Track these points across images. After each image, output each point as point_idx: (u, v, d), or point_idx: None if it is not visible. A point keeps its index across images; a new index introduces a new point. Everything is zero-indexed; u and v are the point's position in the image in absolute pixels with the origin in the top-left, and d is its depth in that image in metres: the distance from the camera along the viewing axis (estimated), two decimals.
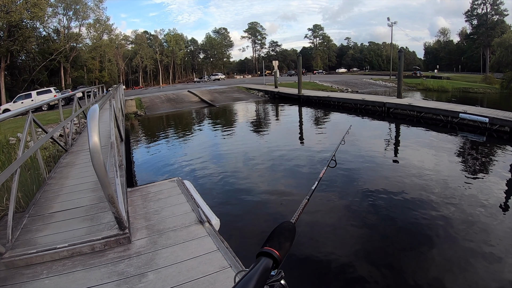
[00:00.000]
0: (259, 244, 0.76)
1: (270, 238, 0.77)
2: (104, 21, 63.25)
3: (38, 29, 47.43)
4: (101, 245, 3.06)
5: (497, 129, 11.66)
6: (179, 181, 4.86)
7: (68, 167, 5.98)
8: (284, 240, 0.77)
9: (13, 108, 22.90)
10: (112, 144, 4.38)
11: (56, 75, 51.81)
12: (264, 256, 0.71)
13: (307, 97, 24.46)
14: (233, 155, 10.78)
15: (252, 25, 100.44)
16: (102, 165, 2.48)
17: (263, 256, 0.71)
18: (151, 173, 9.31)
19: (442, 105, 15.89)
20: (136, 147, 13.68)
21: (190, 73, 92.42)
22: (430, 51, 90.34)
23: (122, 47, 78.06)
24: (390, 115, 16.63)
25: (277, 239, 0.76)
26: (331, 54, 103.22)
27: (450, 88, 36.64)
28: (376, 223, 5.68)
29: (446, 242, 4.89)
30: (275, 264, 0.70)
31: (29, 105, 5.30)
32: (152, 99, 30.24)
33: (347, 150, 9.87)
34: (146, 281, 2.54)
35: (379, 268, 4.36)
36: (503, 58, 45.50)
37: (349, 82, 40.49)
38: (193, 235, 3.24)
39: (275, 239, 0.76)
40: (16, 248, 2.99)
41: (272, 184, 7.79)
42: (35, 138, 5.35)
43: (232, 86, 38.30)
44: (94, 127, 2.44)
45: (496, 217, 5.57)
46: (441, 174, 7.83)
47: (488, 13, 66.29)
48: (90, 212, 3.75)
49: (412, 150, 10.43)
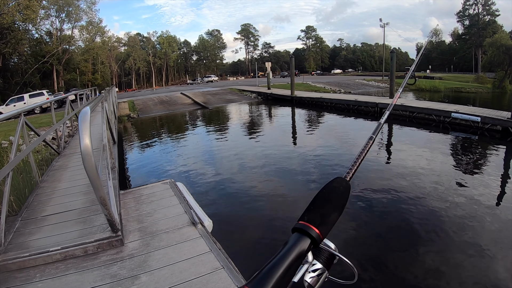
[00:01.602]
0: (252, 245, 0.68)
1: (312, 206, 0.60)
2: (96, 23, 63.07)
3: (30, 32, 47.40)
4: (94, 248, 3.06)
5: (489, 128, 11.79)
6: (172, 183, 4.86)
7: (61, 170, 5.96)
8: (330, 210, 0.59)
9: (5, 111, 22.70)
10: (104, 147, 4.39)
11: (49, 78, 51.48)
12: (299, 233, 0.55)
13: (300, 98, 24.57)
14: (226, 156, 10.80)
15: (245, 27, 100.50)
16: (93, 168, 2.49)
17: (298, 233, 0.55)
18: (144, 175, 9.29)
19: (435, 105, 16.03)
20: (129, 149, 13.64)
21: (183, 75, 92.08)
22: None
23: (115, 49, 77.62)
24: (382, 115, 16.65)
25: (321, 210, 0.59)
26: (324, 55, 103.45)
27: (443, 88, 36.94)
28: (368, 221, 5.73)
29: (440, 240, 4.94)
30: (312, 245, 0.55)
31: (21, 108, 5.26)
32: (145, 101, 30.12)
33: (338, 150, 9.94)
34: (139, 283, 2.55)
35: (374, 264, 4.40)
36: (494, 58, 45.86)
37: (341, 83, 40.65)
38: (185, 236, 3.25)
39: (317, 210, 0.59)
40: (9, 252, 2.98)
41: (265, 185, 7.81)
42: (27, 141, 5.32)
43: (225, 88, 38.25)
44: (86, 130, 2.44)
45: (489, 215, 5.64)
46: (434, 174, 7.90)
47: (479, 14, 66.73)
48: (83, 214, 3.75)
49: (405, 150, 10.51)
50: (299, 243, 0.54)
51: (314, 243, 0.55)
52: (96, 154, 2.53)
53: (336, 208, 0.60)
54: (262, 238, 5.30)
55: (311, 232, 0.55)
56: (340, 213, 0.60)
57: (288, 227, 0.56)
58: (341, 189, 0.64)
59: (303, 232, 0.55)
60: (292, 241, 0.54)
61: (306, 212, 0.59)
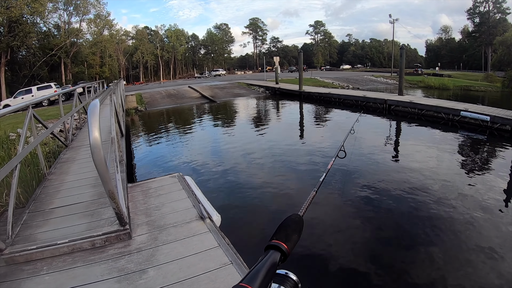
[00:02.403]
0: (261, 240, 0.75)
1: (278, 231, 0.76)
2: (104, 16, 63.25)
3: (38, 25, 47.48)
4: (101, 241, 3.04)
5: (498, 128, 11.60)
6: (180, 176, 4.84)
7: (69, 163, 5.96)
8: (291, 232, 0.75)
9: (13, 103, 22.90)
10: (112, 140, 4.36)
11: (57, 71, 51.73)
12: (271, 249, 0.70)
13: (308, 94, 24.38)
14: (234, 150, 10.76)
15: (253, 21, 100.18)
16: (102, 161, 2.46)
17: (271, 249, 0.70)
18: (152, 168, 9.29)
19: (444, 102, 15.84)
20: (137, 142, 13.66)
21: (191, 69, 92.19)
22: (432, 48, 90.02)
23: (123, 43, 77.82)
24: (391, 112, 16.59)
25: (284, 232, 0.75)
26: (332, 51, 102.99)
27: (452, 86, 36.50)
28: (376, 219, 5.68)
29: (446, 239, 4.88)
30: (283, 257, 0.69)
31: (29, 101, 5.26)
32: (153, 94, 30.17)
33: (349, 146, 9.87)
34: (147, 278, 2.52)
35: (380, 263, 4.35)
36: (504, 57, 45.44)
37: (350, 78, 40.34)
38: (194, 231, 3.22)
39: (282, 232, 0.75)
40: (16, 244, 2.97)
41: (273, 179, 7.77)
42: (35, 134, 5.32)
43: (233, 82, 38.20)
44: (95, 122, 2.41)
45: (497, 215, 5.56)
46: (442, 172, 7.80)
47: (490, 11, 65.91)
48: (91, 207, 3.73)
49: (413, 148, 10.40)
50: (272, 255, 0.67)
51: (283, 255, 0.69)
52: (104, 147, 2.50)
53: (295, 231, 0.77)
54: (271, 233, 5.25)
55: (280, 246, 0.69)
56: (299, 237, 0.77)
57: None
58: (297, 220, 0.82)
59: (274, 248, 0.70)
60: (266, 255, 0.68)
61: (274, 235, 0.74)
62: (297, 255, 4.40)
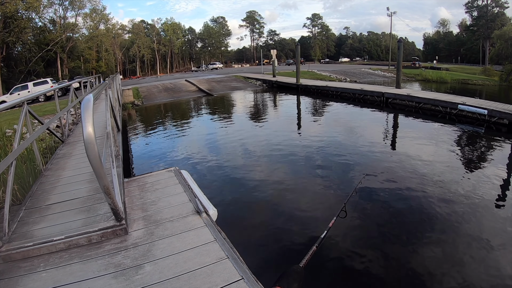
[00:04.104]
0: (258, 234, 0.75)
1: (281, 278, 0.89)
2: (100, 10, 63.02)
3: (34, 20, 47.27)
4: (97, 237, 3.04)
5: (495, 121, 11.64)
6: (177, 171, 4.83)
7: (65, 158, 5.94)
8: (292, 281, 0.89)
9: (9, 100, 22.78)
10: (108, 134, 4.34)
11: (53, 66, 51.56)
12: None
13: (305, 87, 24.35)
14: (231, 144, 10.74)
15: (251, 14, 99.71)
16: (97, 156, 2.46)
17: None
18: (149, 163, 9.27)
19: (441, 96, 15.84)
20: (134, 137, 13.60)
21: (188, 62, 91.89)
22: (430, 42, 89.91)
23: (119, 37, 77.46)
24: (388, 105, 16.60)
25: (286, 280, 0.88)
26: (329, 44, 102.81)
27: (449, 79, 36.58)
28: (374, 211, 5.69)
29: (443, 233, 4.90)
30: None
31: (24, 96, 5.23)
32: (150, 88, 30.08)
33: (344, 139, 9.88)
34: (143, 273, 2.52)
35: (379, 258, 4.38)
36: (502, 51, 45.57)
37: (347, 71, 40.28)
38: (190, 225, 3.22)
39: (284, 280, 0.88)
40: (12, 241, 2.97)
41: (270, 174, 7.77)
42: (31, 130, 5.29)
43: (230, 75, 38.10)
44: (88, 117, 2.40)
45: (494, 209, 5.59)
46: (440, 166, 7.82)
47: (488, 5, 65.88)
48: (87, 203, 3.73)
49: (410, 141, 10.40)
50: None
51: None
52: (100, 142, 2.49)
53: (295, 281, 0.89)
54: (267, 228, 5.27)
55: None
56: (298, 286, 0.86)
57: (293, 217, 0.64)
58: (298, 271, 0.98)
59: None
60: None
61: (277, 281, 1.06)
62: None
